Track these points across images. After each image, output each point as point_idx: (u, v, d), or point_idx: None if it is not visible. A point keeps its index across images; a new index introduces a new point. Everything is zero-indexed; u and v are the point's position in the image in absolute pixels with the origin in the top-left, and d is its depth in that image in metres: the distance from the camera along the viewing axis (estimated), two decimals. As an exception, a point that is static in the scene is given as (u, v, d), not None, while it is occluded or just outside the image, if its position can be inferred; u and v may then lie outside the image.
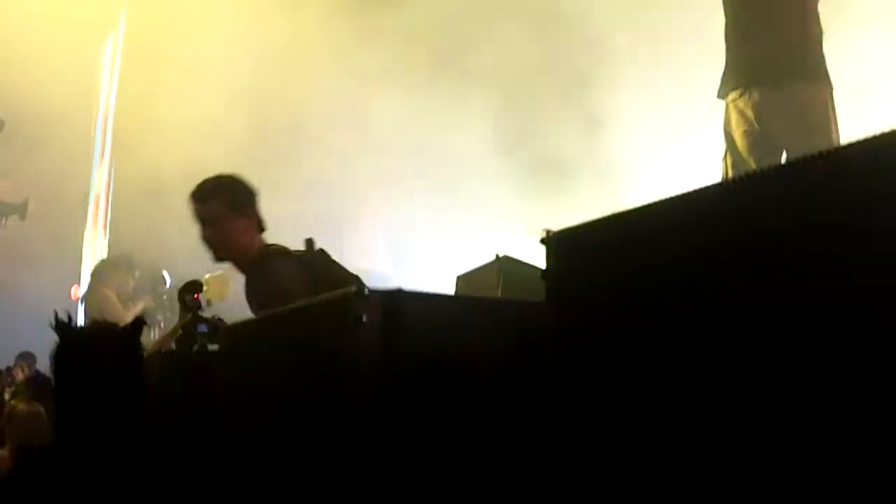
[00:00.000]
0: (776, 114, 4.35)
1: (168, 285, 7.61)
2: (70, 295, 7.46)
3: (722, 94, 4.57)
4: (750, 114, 4.40)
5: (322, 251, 3.85)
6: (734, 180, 1.86)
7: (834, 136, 4.32)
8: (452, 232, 7.72)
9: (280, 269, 3.78)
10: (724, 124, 4.54)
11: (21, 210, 7.96)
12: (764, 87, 4.38)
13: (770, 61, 4.38)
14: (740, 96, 4.44)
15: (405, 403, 2.18)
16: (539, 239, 1.86)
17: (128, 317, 5.59)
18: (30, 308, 6.51)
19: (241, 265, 3.93)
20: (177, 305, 5.11)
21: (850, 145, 1.44)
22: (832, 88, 4.38)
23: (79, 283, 7.75)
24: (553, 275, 1.89)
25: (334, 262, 3.87)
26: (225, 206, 3.85)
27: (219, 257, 3.93)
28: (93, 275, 7.36)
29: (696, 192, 1.71)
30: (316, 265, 3.76)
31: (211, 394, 3.07)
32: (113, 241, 8.44)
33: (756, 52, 4.43)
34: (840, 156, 1.51)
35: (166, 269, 7.58)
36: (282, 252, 3.89)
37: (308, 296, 3.60)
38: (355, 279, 3.70)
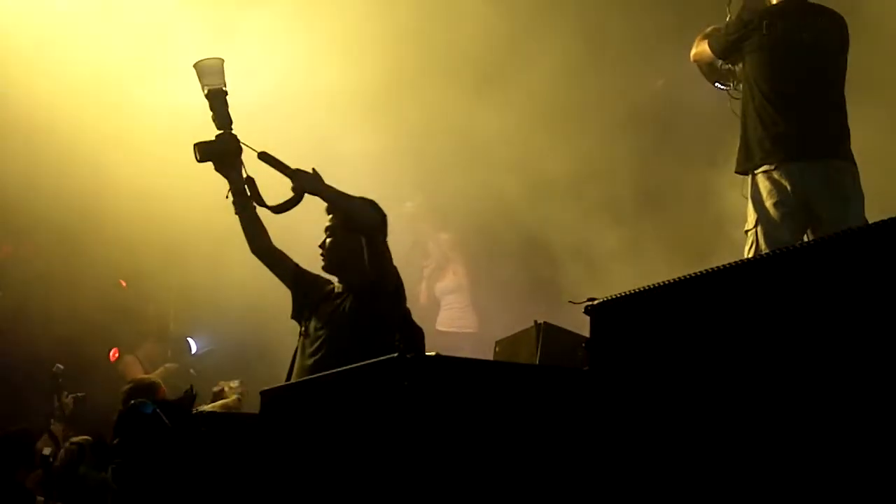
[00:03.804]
0: (814, 185, 4.38)
1: (193, 353, 7.86)
2: (110, 357, 7.70)
3: (748, 168, 4.58)
4: (785, 184, 4.41)
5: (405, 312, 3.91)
6: (767, 256, 1.91)
7: (863, 209, 4.36)
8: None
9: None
10: (752, 195, 4.53)
11: None
12: (800, 161, 4.42)
13: (810, 136, 4.43)
14: (774, 168, 4.47)
15: (443, 467, 2.21)
16: (584, 309, 1.90)
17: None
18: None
19: (342, 282, 3.95)
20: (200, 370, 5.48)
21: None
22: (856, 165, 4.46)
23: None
24: (597, 344, 1.93)
25: (409, 323, 3.92)
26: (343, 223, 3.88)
27: (326, 267, 3.95)
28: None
29: (734, 265, 1.76)
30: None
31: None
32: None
33: (792, 127, 4.47)
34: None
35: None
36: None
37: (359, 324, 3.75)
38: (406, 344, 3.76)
